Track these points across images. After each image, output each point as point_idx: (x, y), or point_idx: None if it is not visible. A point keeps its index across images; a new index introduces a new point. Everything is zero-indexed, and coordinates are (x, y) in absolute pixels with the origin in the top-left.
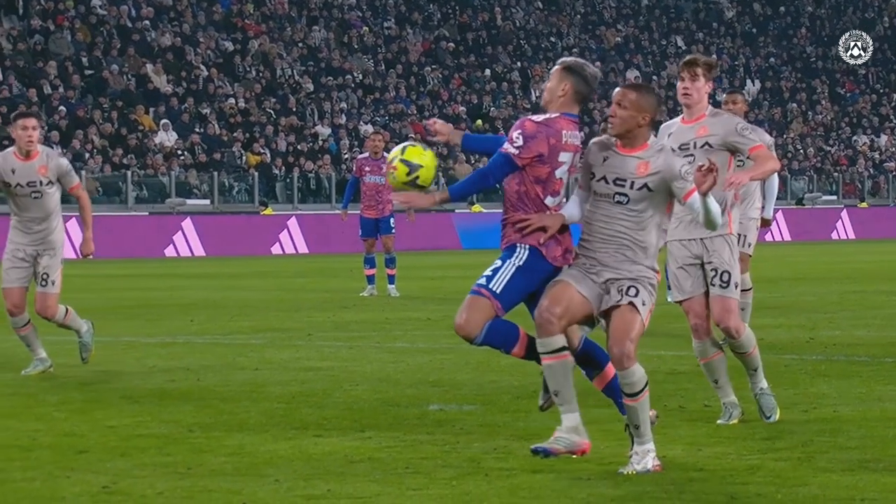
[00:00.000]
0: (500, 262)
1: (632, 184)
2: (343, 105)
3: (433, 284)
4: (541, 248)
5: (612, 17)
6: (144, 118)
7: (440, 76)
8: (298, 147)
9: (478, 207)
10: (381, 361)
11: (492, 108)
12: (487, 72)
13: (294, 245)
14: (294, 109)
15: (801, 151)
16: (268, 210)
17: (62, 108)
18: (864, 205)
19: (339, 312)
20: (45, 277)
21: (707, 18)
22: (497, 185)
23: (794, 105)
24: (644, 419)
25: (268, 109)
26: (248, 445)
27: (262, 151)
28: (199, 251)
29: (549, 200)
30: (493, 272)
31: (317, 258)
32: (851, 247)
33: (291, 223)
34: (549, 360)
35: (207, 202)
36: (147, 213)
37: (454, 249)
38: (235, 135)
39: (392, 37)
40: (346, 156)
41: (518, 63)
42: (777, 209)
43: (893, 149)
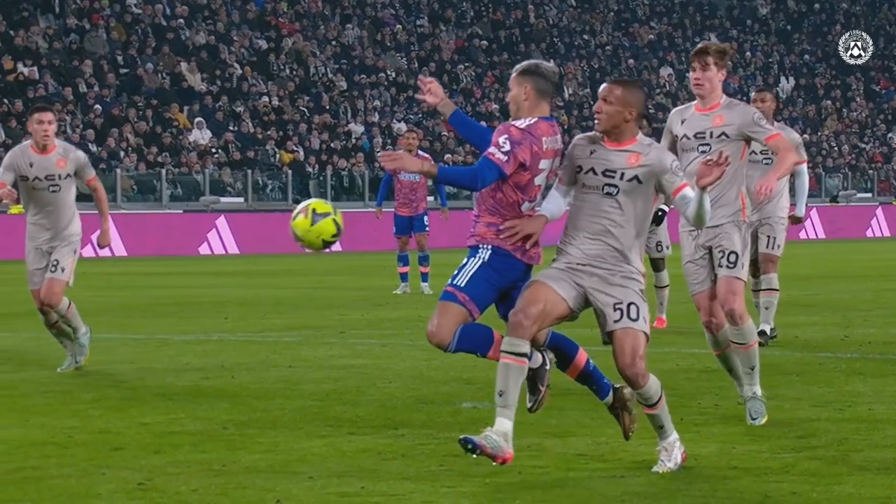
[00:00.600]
0: (465, 260)
1: (622, 175)
2: (376, 103)
3: None
4: (506, 247)
5: (646, 15)
6: (179, 116)
7: (473, 74)
8: (332, 145)
9: None
10: (415, 359)
11: None
12: None
13: None
14: (327, 107)
15: (836, 149)
16: None
17: (97, 107)
18: None
19: (373, 310)
20: (56, 264)
21: (741, 15)
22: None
23: (829, 102)
24: (665, 418)
25: (301, 107)
26: (282, 443)
27: (296, 149)
28: (233, 249)
29: (525, 206)
30: (458, 270)
31: (350, 256)
32: (886, 244)
33: None
34: (508, 360)
35: (241, 200)
36: (181, 211)
37: None
38: (269, 133)
39: (425, 34)
40: (380, 154)
41: (551, 61)
42: (811, 206)
43: None
